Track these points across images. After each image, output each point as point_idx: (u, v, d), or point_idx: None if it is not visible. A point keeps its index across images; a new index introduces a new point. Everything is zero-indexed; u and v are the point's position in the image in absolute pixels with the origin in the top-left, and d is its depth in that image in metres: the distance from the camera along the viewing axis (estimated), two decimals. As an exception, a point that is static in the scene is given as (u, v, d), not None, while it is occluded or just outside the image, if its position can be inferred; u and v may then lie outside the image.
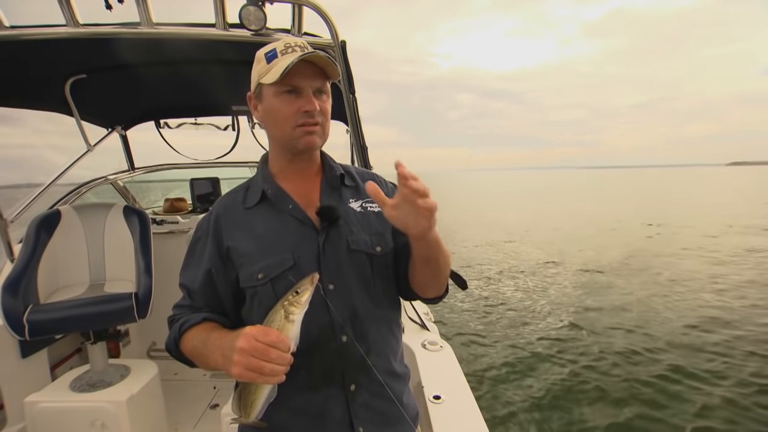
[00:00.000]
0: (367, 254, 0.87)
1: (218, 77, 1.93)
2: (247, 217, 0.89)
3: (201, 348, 0.80)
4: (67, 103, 1.94)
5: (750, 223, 13.43)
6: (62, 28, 1.24)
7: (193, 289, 0.89)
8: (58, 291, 1.91)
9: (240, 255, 0.85)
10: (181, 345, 0.86)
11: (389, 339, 0.92)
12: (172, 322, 0.90)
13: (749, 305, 5.85)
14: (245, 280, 0.85)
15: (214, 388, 2.45)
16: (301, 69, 0.80)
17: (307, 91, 0.82)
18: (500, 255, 9.89)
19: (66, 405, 1.69)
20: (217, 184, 2.92)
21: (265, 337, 0.66)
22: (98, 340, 1.83)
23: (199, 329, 0.83)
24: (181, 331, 0.85)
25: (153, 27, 1.24)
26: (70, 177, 2.33)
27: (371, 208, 0.92)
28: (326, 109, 0.85)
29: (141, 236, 2.05)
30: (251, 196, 0.91)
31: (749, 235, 11.34)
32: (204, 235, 0.90)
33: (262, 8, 1.17)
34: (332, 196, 0.91)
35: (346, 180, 0.95)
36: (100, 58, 1.68)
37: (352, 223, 0.88)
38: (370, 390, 0.86)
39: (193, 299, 0.90)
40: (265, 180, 0.91)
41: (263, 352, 0.65)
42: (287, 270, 0.82)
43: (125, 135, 2.61)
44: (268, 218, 0.88)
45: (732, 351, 4.44)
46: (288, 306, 0.70)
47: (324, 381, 0.84)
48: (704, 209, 18.31)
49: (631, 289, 6.80)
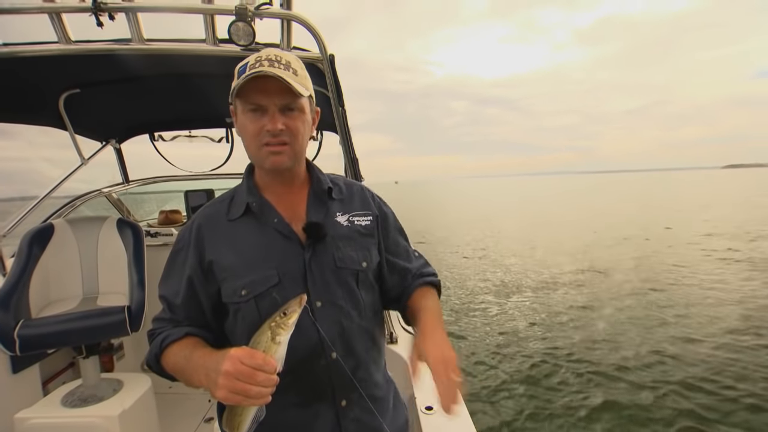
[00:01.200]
0: (353, 270, 0.87)
1: (211, 90, 1.94)
2: (231, 229, 0.86)
3: (184, 365, 0.77)
4: (61, 117, 1.95)
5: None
6: (55, 45, 1.26)
7: (174, 302, 0.86)
8: (50, 305, 1.90)
9: (222, 269, 0.83)
10: (162, 360, 0.83)
11: (373, 350, 0.92)
12: (152, 337, 0.87)
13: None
14: (228, 296, 0.83)
15: (209, 401, 2.42)
16: (266, 86, 0.77)
17: (271, 109, 0.78)
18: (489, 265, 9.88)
19: (57, 421, 1.67)
20: (211, 195, 2.93)
21: (251, 360, 0.64)
22: (90, 354, 1.82)
23: (181, 345, 0.81)
24: (162, 346, 0.83)
25: (144, 43, 1.26)
26: (64, 190, 2.33)
27: (358, 221, 0.92)
28: (295, 127, 0.81)
29: (134, 249, 2.04)
30: (235, 208, 0.88)
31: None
32: (185, 245, 0.87)
33: (250, 24, 1.18)
34: (319, 210, 0.90)
35: (334, 193, 0.94)
36: (93, 72, 1.70)
37: (338, 239, 0.87)
38: (360, 405, 0.86)
39: (174, 312, 0.87)
40: (250, 192, 0.88)
41: (249, 375, 0.63)
42: (272, 287, 0.81)
43: (119, 148, 2.62)
44: (252, 232, 0.86)
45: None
46: (275, 327, 0.69)
47: (314, 398, 0.84)
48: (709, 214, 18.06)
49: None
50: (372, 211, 0.96)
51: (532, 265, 9.29)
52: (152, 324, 0.90)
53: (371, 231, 0.93)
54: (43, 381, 1.98)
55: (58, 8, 1.16)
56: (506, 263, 9.69)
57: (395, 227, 1.01)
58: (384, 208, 1.01)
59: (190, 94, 2.02)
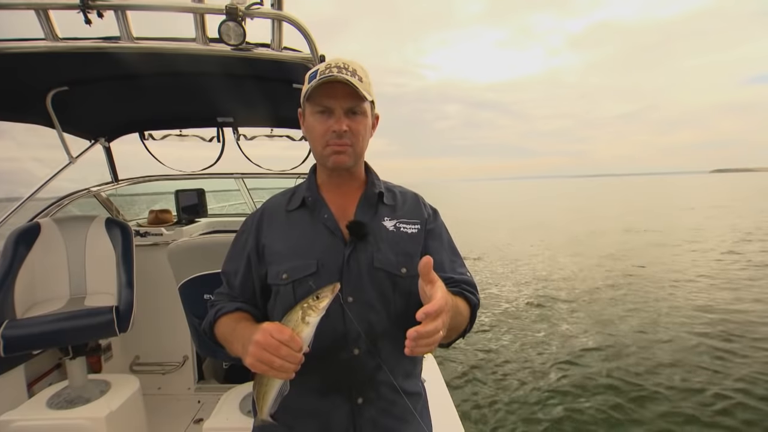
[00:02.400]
0: (390, 273, 0.89)
1: (202, 89, 1.94)
2: (286, 219, 0.95)
3: (228, 335, 0.86)
4: (49, 115, 1.93)
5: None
6: (42, 42, 1.24)
7: (233, 279, 0.96)
8: (36, 305, 1.88)
9: (271, 253, 0.92)
10: (215, 329, 0.93)
11: (405, 359, 0.90)
12: (211, 307, 0.97)
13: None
14: (272, 278, 0.90)
15: (198, 402, 2.41)
16: (334, 90, 0.84)
17: (337, 112, 0.86)
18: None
19: (42, 423, 1.65)
20: (202, 195, 2.91)
21: (279, 334, 0.69)
22: (77, 355, 1.80)
23: (231, 318, 0.90)
24: (216, 316, 0.92)
25: (133, 41, 1.25)
26: (52, 190, 2.30)
27: (405, 228, 0.95)
28: (357, 129, 0.88)
29: (123, 249, 2.03)
30: (294, 200, 0.97)
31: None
32: (248, 229, 0.97)
33: (241, 24, 1.18)
34: (368, 212, 0.94)
35: (386, 198, 0.98)
36: (82, 70, 1.68)
37: (381, 241, 0.91)
38: (378, 406, 0.87)
39: (232, 288, 0.97)
40: (309, 188, 0.97)
41: (275, 347, 0.68)
42: (309, 275, 0.86)
43: (109, 147, 2.60)
44: (303, 223, 0.94)
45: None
46: (306, 309, 0.74)
47: (331, 389, 0.86)
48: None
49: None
50: (421, 220, 0.98)
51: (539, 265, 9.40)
52: (213, 296, 1.00)
53: (417, 239, 0.95)
54: (29, 382, 1.95)
55: (45, 5, 1.15)
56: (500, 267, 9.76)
57: (443, 239, 1.01)
58: (437, 219, 1.03)
59: (180, 92, 2.01)
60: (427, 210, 1.02)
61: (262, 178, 3.10)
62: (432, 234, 0.99)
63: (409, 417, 0.90)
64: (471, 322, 0.92)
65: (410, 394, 0.92)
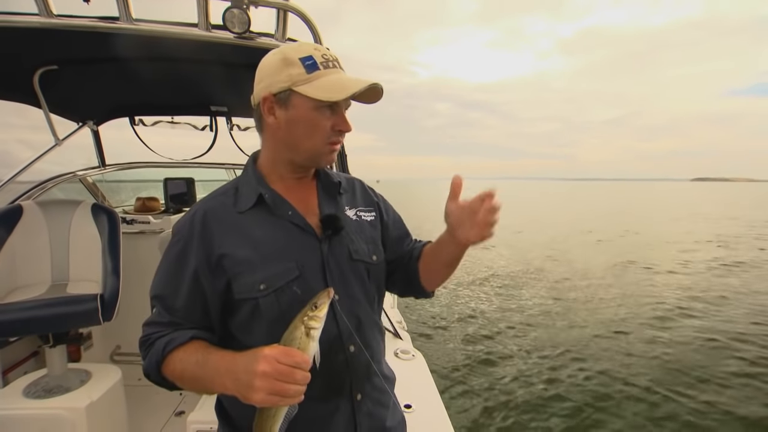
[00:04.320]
0: (366, 263, 0.88)
1: (198, 77, 1.90)
2: (241, 221, 0.81)
3: (197, 371, 0.71)
4: (36, 94, 1.86)
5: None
6: (34, 17, 1.19)
7: (173, 301, 0.79)
8: (15, 291, 1.81)
9: (236, 263, 0.78)
10: (164, 368, 0.76)
11: (380, 343, 0.94)
12: (148, 343, 0.79)
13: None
14: (244, 291, 0.78)
15: (180, 394, 2.36)
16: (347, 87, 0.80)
17: (342, 110, 0.81)
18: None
19: (18, 413, 1.59)
20: (191, 184, 2.86)
21: (289, 358, 0.62)
22: (58, 343, 1.74)
23: (189, 350, 0.74)
24: (165, 352, 0.75)
25: (132, 23, 1.22)
26: (35, 172, 2.23)
27: (365, 216, 0.93)
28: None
29: (109, 236, 1.97)
30: (243, 200, 0.83)
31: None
32: (188, 239, 0.80)
33: (246, 11, 1.16)
34: (331, 203, 0.90)
35: (342, 187, 0.94)
36: (73, 49, 1.62)
37: (351, 232, 0.88)
38: (372, 398, 0.87)
39: (173, 314, 0.79)
40: (260, 183, 0.85)
41: (288, 374, 0.61)
42: (292, 281, 0.78)
43: (97, 130, 2.52)
44: (265, 224, 0.82)
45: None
46: (308, 321, 0.67)
47: (333, 392, 0.83)
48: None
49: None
50: (374, 206, 0.99)
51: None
52: (144, 330, 0.81)
53: (376, 225, 0.96)
54: (3, 370, 1.89)
55: None
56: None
57: (395, 218, 1.05)
58: (386, 202, 1.04)
59: (176, 79, 1.96)
60: (374, 195, 1.02)
61: None
62: (387, 216, 1.01)
63: (390, 402, 0.92)
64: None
65: (391, 378, 0.95)
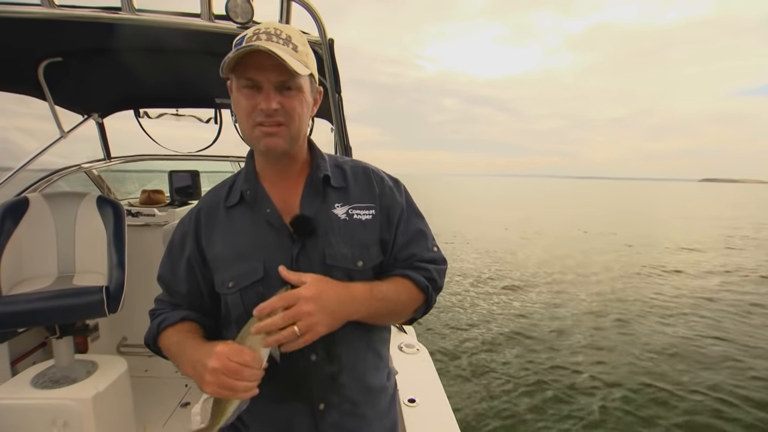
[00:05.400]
0: (345, 269, 0.80)
1: (202, 68, 1.87)
2: (226, 217, 0.85)
3: (174, 351, 0.80)
4: (40, 86, 1.86)
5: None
6: (37, 8, 1.18)
7: (173, 285, 0.88)
8: (22, 282, 1.83)
9: (213, 258, 0.83)
10: (159, 342, 0.86)
11: (366, 356, 0.86)
12: (152, 317, 0.89)
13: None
14: (218, 286, 0.83)
15: (185, 385, 2.39)
16: (262, 61, 0.70)
17: (266, 87, 0.72)
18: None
19: (26, 402, 1.61)
20: (196, 177, 2.86)
21: (238, 357, 0.65)
22: (64, 334, 1.75)
23: (176, 330, 0.82)
24: (159, 329, 0.85)
25: (135, 13, 1.20)
26: (40, 164, 2.23)
27: (358, 215, 0.84)
28: (291, 107, 0.75)
29: (115, 228, 1.98)
30: (233, 194, 0.86)
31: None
32: (186, 230, 0.87)
33: (249, 1, 1.14)
34: (314, 200, 0.83)
35: (334, 180, 0.86)
36: (78, 41, 1.61)
37: (332, 234, 0.81)
38: (341, 409, 0.83)
39: (173, 296, 0.88)
40: (248, 178, 0.85)
41: (236, 371, 0.64)
42: (256, 282, 0.79)
43: (102, 123, 2.52)
44: (244, 221, 0.83)
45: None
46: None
47: (291, 397, 0.81)
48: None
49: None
50: (375, 202, 0.86)
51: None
52: (154, 303, 0.91)
53: (372, 226, 0.84)
54: (12, 361, 1.91)
55: None
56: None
57: (407, 216, 0.90)
58: (395, 196, 0.89)
59: (180, 70, 1.95)
60: (380, 185, 0.88)
61: None
62: (391, 214, 0.87)
63: (374, 414, 0.87)
64: (427, 303, 0.87)
65: (375, 390, 0.88)
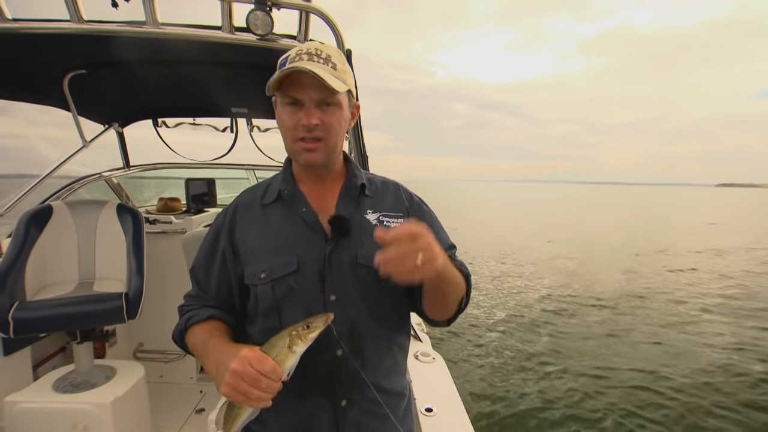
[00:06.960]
0: (374, 270, 0.81)
1: (220, 79, 1.91)
2: (262, 214, 0.89)
3: (200, 349, 0.81)
4: (65, 97, 1.92)
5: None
6: (66, 24, 1.22)
7: (204, 282, 0.90)
8: (45, 288, 1.87)
9: (246, 251, 0.86)
10: (186, 338, 0.88)
11: (387, 357, 0.89)
12: (181, 312, 0.91)
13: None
14: (249, 278, 0.85)
15: (200, 392, 2.41)
16: (303, 79, 0.77)
17: (307, 104, 0.79)
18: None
19: (47, 406, 1.64)
20: (212, 185, 2.90)
21: (260, 365, 0.65)
22: (85, 339, 1.79)
23: (203, 328, 0.84)
24: (187, 325, 0.87)
25: (158, 27, 1.23)
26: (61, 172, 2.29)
27: (388, 222, 0.89)
28: (329, 123, 0.81)
29: (134, 236, 2.01)
30: (269, 194, 0.91)
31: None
32: (221, 225, 0.91)
33: (269, 13, 1.16)
34: (349, 205, 0.89)
35: (368, 190, 0.93)
36: (101, 54, 1.66)
37: (364, 236, 0.85)
38: (362, 407, 0.84)
39: (203, 290, 0.91)
40: (285, 180, 0.91)
41: (254, 379, 0.65)
42: (289, 274, 0.82)
43: (122, 132, 2.58)
44: (280, 218, 0.88)
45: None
46: (295, 337, 0.69)
47: (314, 392, 0.83)
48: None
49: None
50: (404, 212, 0.93)
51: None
52: (183, 299, 0.94)
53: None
54: (34, 365, 1.95)
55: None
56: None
57: (435, 231, 0.93)
58: (422, 208, 0.97)
59: (198, 81, 1.99)
60: (409, 200, 0.96)
61: (273, 170, 3.09)
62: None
63: (392, 417, 0.87)
64: (467, 294, 0.89)
65: (394, 393, 0.90)
